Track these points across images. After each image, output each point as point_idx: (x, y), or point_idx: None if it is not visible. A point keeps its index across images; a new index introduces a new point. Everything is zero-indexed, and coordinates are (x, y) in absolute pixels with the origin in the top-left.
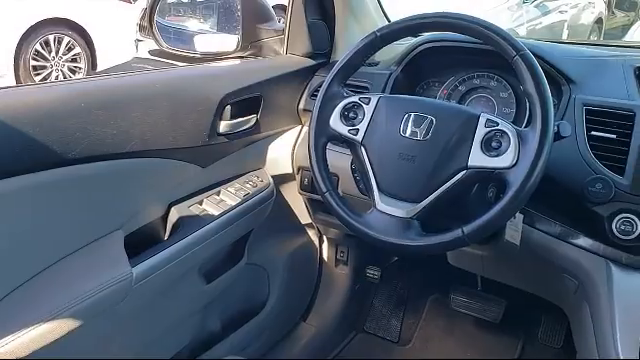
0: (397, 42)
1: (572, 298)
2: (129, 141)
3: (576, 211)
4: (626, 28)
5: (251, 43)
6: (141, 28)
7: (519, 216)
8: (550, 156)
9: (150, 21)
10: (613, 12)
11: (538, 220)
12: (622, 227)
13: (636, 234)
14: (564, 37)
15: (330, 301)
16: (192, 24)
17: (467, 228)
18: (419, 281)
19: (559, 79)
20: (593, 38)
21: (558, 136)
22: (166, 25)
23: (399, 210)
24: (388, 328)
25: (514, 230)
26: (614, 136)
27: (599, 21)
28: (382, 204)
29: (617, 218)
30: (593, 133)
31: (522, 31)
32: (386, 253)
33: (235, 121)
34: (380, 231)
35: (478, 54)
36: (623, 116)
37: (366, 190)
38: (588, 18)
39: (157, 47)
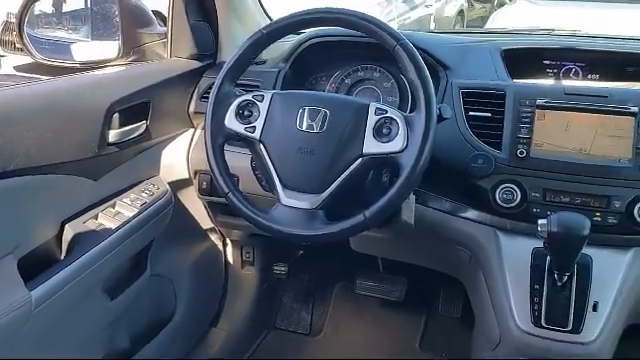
0: (283, 40)
1: (467, 268)
2: (12, 159)
3: (463, 187)
4: (485, 18)
5: (133, 48)
6: (2, 43)
7: (412, 196)
8: (435, 138)
9: (20, 32)
10: (472, 4)
11: (429, 199)
12: (504, 196)
13: (516, 202)
14: (432, 29)
15: (239, 303)
16: (65, 34)
17: (368, 212)
18: (325, 271)
19: (435, 66)
20: (457, 28)
21: (441, 118)
22: (38, 37)
23: (303, 202)
24: (299, 322)
25: (409, 210)
26: (489, 114)
27: (461, 13)
28: (286, 198)
29: (499, 189)
30: (471, 113)
31: (394, 26)
32: (292, 248)
33: (125, 129)
34: (287, 224)
35: (361, 47)
36: (495, 95)
37: (269, 187)
38: (451, 11)
39: (24, 62)
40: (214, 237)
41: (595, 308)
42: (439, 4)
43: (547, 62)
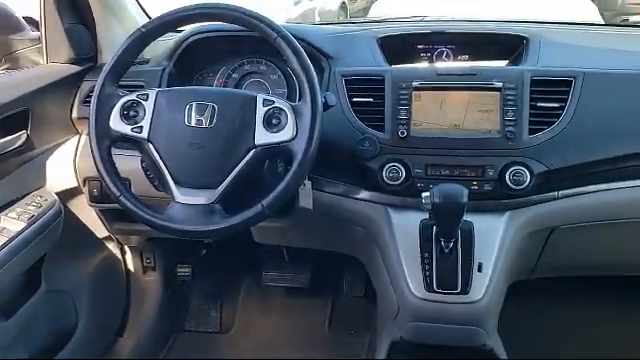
0: (165, 38)
1: (364, 246)
2: None
3: (353, 169)
4: (367, 9)
5: (5, 56)
6: None
7: (308, 183)
8: (323, 125)
9: None
10: None
11: (325, 184)
12: (390, 175)
13: (402, 179)
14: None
15: (144, 310)
16: None
17: (265, 201)
18: (231, 268)
19: (318, 56)
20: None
21: (326, 106)
22: None
23: (199, 198)
24: (208, 321)
25: (306, 196)
26: (371, 99)
27: (344, 6)
28: (181, 196)
29: (385, 168)
30: (354, 99)
31: (280, 21)
32: (195, 248)
33: (3, 140)
34: (184, 222)
35: (246, 41)
36: (375, 81)
37: (162, 186)
38: (334, 4)
39: None
40: (111, 245)
41: (480, 269)
42: None
43: (420, 47)
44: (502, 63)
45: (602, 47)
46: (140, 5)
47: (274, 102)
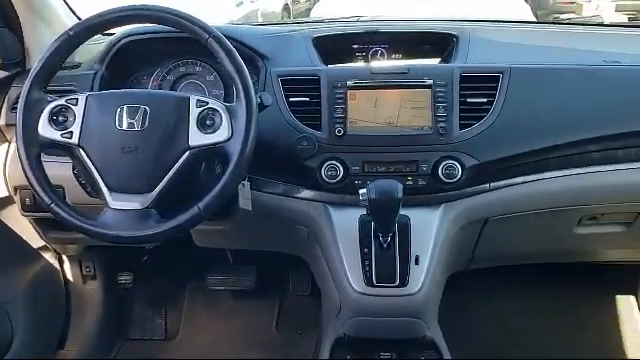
0: (97, 41)
1: (307, 245)
2: None
3: (292, 169)
4: (310, 11)
5: None
6: None
7: (247, 184)
8: (260, 125)
9: None
10: None
11: (264, 184)
12: (329, 173)
13: (340, 176)
14: None
15: (86, 321)
16: None
17: (202, 203)
18: (175, 273)
19: (253, 56)
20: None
21: (262, 106)
22: None
23: (133, 203)
24: (153, 328)
25: (245, 198)
26: (307, 99)
27: (286, 8)
28: (114, 202)
29: (324, 166)
30: (291, 99)
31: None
32: (136, 255)
33: None
34: (118, 228)
35: (180, 43)
36: (311, 80)
37: (95, 192)
38: (277, 6)
39: None
40: (48, 255)
41: (417, 262)
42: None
43: (356, 46)
44: (435, 61)
45: (530, 43)
46: (69, 7)
47: (208, 103)
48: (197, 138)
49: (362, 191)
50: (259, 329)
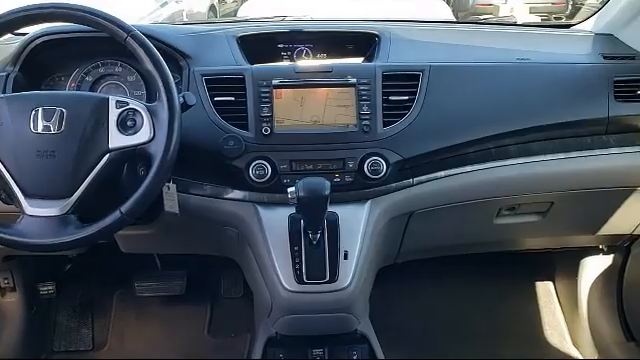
0: (9, 41)
1: (237, 246)
2: None
3: (220, 169)
4: (237, 12)
5: None
6: None
7: (172, 186)
8: (185, 125)
9: None
10: None
11: (191, 186)
12: (257, 172)
13: (268, 176)
14: None
15: (6, 335)
16: None
17: (124, 207)
18: (100, 281)
19: (175, 55)
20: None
21: (186, 106)
22: None
23: (51, 209)
24: (80, 339)
25: (171, 200)
26: (233, 98)
27: (212, 8)
28: (31, 208)
29: (252, 166)
30: (216, 99)
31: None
32: (58, 263)
33: None
34: (35, 235)
35: (100, 42)
36: (235, 80)
37: (10, 199)
38: (203, 6)
39: None
40: None
41: (346, 257)
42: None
43: (281, 46)
44: (359, 60)
45: (449, 43)
46: None
47: (128, 103)
48: (117, 140)
49: (290, 189)
50: (191, 334)
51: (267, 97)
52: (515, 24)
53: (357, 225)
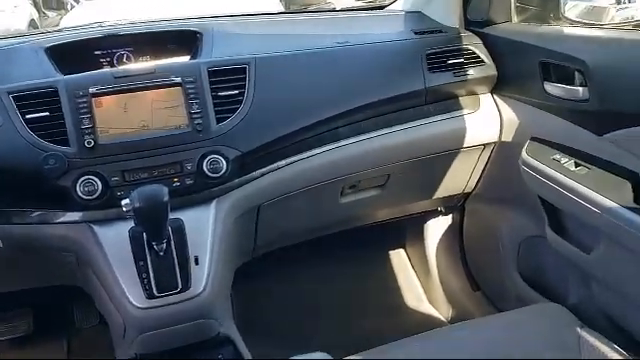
0: None
1: (78, 271)
2: None
3: (43, 192)
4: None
5: None
6: None
7: None
8: None
9: None
10: (45, 13)
11: (13, 215)
12: (86, 189)
13: (99, 191)
14: None
15: None
16: None
17: None
18: None
19: None
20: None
21: None
22: None
23: None
24: None
25: None
26: (47, 113)
27: (33, 23)
28: None
29: (79, 183)
30: (28, 116)
31: None
32: None
33: None
34: None
35: None
36: (48, 93)
37: None
38: (22, 21)
39: None
40: None
41: (197, 262)
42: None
43: (98, 52)
44: (185, 59)
45: (274, 33)
46: None
47: None
48: None
49: (125, 202)
50: None
51: (86, 107)
52: (334, 10)
53: (205, 228)
